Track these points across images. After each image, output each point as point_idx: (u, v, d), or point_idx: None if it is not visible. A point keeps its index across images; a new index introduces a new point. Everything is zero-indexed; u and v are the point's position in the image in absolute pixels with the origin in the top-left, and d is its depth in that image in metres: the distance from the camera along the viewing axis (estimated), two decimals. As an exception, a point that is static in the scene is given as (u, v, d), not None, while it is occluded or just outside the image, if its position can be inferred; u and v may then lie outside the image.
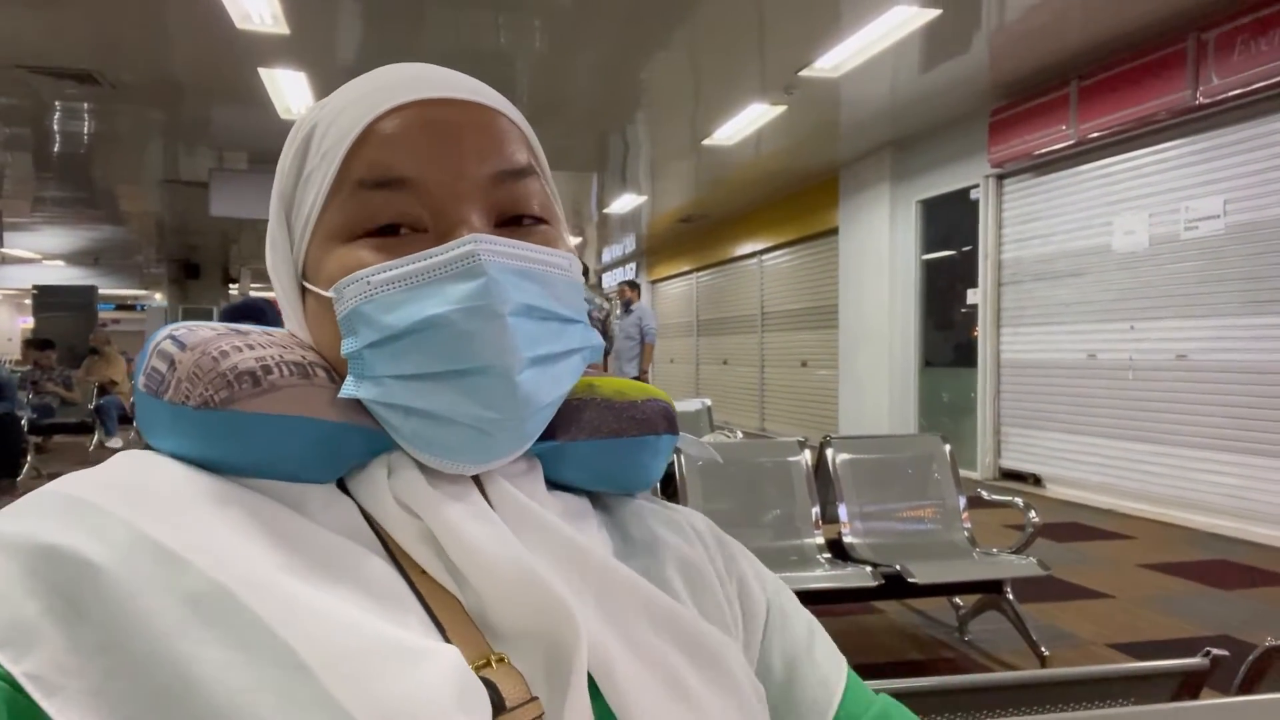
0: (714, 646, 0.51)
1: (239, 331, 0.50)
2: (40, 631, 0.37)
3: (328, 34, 5.78)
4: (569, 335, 0.51)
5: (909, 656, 3.36)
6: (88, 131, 8.20)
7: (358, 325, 0.48)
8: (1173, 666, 1.07)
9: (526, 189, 0.53)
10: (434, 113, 0.51)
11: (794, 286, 11.30)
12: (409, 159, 0.50)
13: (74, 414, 9.28)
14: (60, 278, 18.63)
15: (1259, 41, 5.02)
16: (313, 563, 0.44)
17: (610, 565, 0.50)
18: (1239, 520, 5.37)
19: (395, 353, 0.47)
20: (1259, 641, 1.16)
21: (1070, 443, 6.77)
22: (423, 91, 0.51)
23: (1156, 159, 5.96)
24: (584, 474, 0.58)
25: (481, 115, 0.52)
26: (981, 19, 5.57)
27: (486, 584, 0.46)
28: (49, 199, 11.55)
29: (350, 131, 0.50)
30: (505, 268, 0.47)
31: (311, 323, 0.53)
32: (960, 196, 7.86)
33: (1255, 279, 5.31)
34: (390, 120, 0.50)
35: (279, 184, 0.55)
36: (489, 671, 0.43)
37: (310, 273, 0.52)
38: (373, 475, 0.50)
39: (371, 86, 0.53)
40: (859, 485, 3.48)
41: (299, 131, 0.54)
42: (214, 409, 0.45)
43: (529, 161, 0.53)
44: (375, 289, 0.47)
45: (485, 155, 0.51)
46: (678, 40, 5.89)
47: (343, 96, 0.53)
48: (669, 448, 0.61)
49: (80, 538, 0.40)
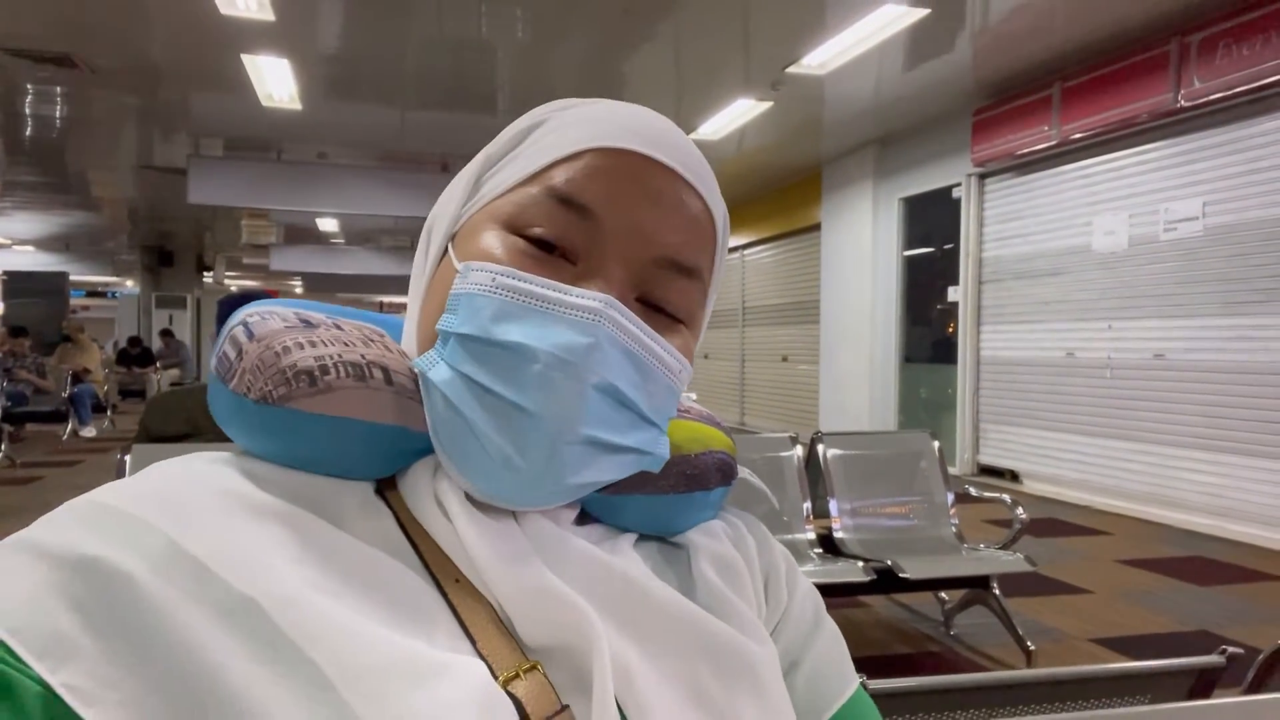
0: (745, 656, 0.50)
1: (308, 324, 0.50)
2: (78, 643, 0.38)
3: (313, 22, 5.71)
4: (637, 434, 0.50)
5: (896, 650, 3.39)
6: (62, 115, 8.06)
7: (462, 310, 0.48)
8: (1188, 664, 1.09)
9: (683, 288, 0.53)
10: (652, 173, 0.51)
11: (776, 282, 11.34)
12: (601, 195, 0.50)
13: (47, 402, 9.14)
14: (30, 263, 18.30)
15: (1241, 45, 5.10)
16: (344, 577, 0.44)
17: (635, 580, 0.50)
18: (1214, 517, 5.47)
19: (479, 355, 0.47)
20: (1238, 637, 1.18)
21: (1048, 439, 6.86)
22: (650, 149, 0.52)
23: (1137, 161, 6.04)
24: (627, 523, 0.57)
25: (689, 196, 0.52)
26: (967, 19, 5.61)
27: (511, 597, 0.46)
28: (20, 183, 11.34)
29: (570, 146, 0.51)
30: (617, 342, 0.47)
31: (434, 283, 0.53)
32: (943, 195, 7.93)
33: (1233, 280, 5.39)
34: (610, 155, 0.51)
35: (491, 150, 0.56)
36: (517, 684, 0.43)
37: (459, 239, 0.53)
38: (419, 475, 0.50)
39: (609, 116, 0.53)
40: (849, 481, 3.51)
41: (533, 116, 0.56)
42: (271, 405, 0.46)
43: (699, 265, 0.53)
44: (497, 289, 0.47)
45: (668, 235, 0.51)
46: (662, 34, 5.89)
47: (583, 111, 0.54)
48: (721, 499, 0.60)
49: (117, 549, 0.40)
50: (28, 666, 0.37)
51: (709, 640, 0.50)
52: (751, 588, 0.57)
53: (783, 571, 0.60)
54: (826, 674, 0.57)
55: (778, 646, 0.55)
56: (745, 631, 0.52)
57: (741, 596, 0.55)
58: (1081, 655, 3.36)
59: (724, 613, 0.52)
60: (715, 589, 0.54)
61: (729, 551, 0.58)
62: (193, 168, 8.63)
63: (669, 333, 0.52)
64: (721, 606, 0.53)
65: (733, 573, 0.57)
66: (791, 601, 0.59)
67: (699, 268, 0.53)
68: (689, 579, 0.55)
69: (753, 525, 0.63)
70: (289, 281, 24.88)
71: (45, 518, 0.43)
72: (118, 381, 12.64)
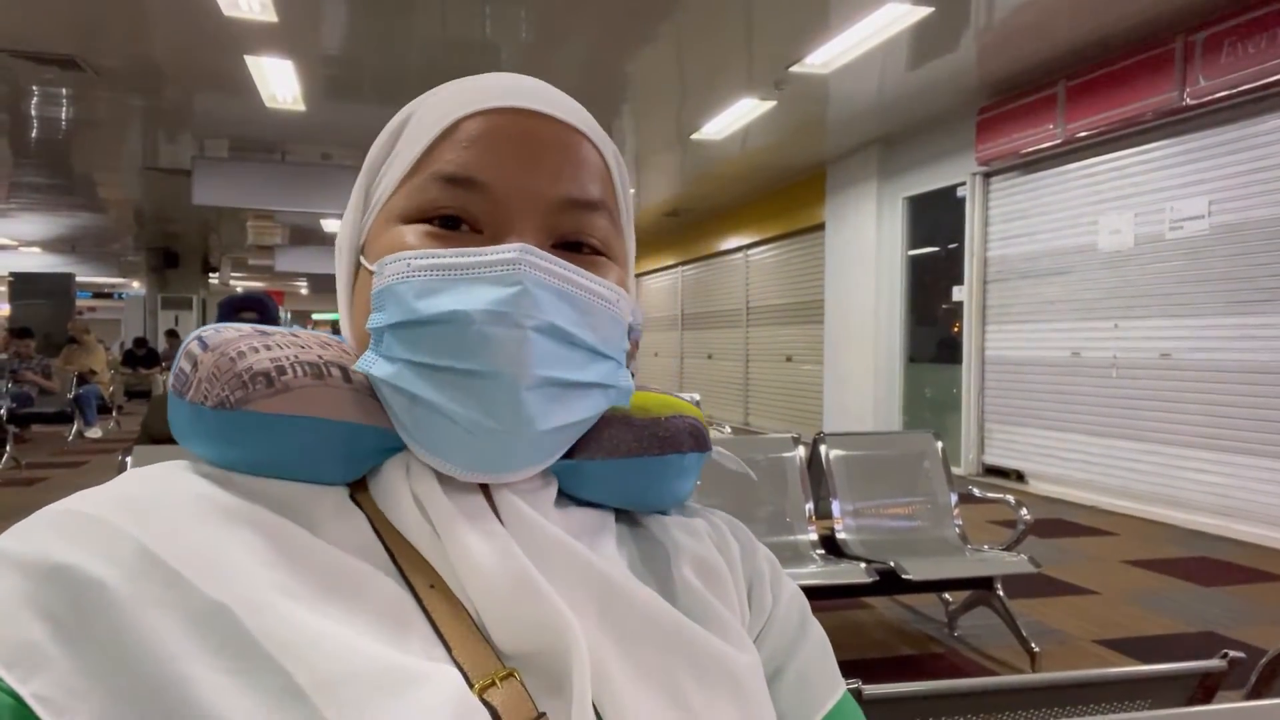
0: (725, 663, 0.49)
1: (263, 333, 0.50)
2: (48, 652, 0.38)
3: (316, 23, 5.72)
4: (595, 368, 0.50)
5: (900, 652, 3.38)
6: (68, 117, 8.08)
7: (388, 303, 0.48)
8: (1191, 669, 1.08)
9: (592, 221, 0.53)
10: (522, 123, 0.52)
11: (780, 281, 11.33)
12: (485, 162, 0.50)
13: (53, 403, 9.17)
14: (37, 265, 18.35)
15: (1247, 44, 5.08)
16: (317, 583, 0.44)
17: (615, 579, 0.49)
18: (1221, 518, 5.45)
19: (415, 338, 0.47)
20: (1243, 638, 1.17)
21: (1054, 439, 6.84)
22: (517, 100, 0.52)
23: (1142, 159, 6.02)
24: (605, 493, 0.56)
25: (568, 137, 0.53)
26: (971, 17, 5.59)
27: (487, 597, 0.46)
28: (26, 185, 11.37)
29: (440, 123, 0.52)
30: (543, 284, 0.47)
31: (356, 296, 0.54)
32: (947, 194, 7.90)
33: (1238, 279, 5.37)
34: (478, 121, 0.51)
35: (370, 159, 0.57)
36: (493, 692, 0.42)
37: (367, 248, 0.54)
38: (391, 474, 0.50)
39: (472, 86, 0.54)
40: (852, 481, 3.49)
41: (399, 116, 0.56)
42: (229, 409, 0.46)
43: (601, 196, 0.53)
44: (414, 272, 0.48)
45: (559, 178, 0.51)
46: (665, 34, 5.88)
47: (445, 90, 0.55)
48: (697, 466, 0.59)
49: (89, 556, 0.40)
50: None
51: (688, 646, 0.49)
52: (734, 592, 0.56)
53: (767, 576, 0.60)
54: (812, 680, 0.56)
55: (762, 653, 0.55)
56: (726, 637, 0.51)
57: (723, 600, 0.55)
58: (1087, 657, 3.35)
59: (704, 617, 0.52)
60: (696, 593, 0.54)
61: (711, 555, 0.57)
62: (197, 169, 8.65)
63: (594, 268, 0.52)
64: (702, 611, 0.52)
65: (714, 576, 0.56)
66: (776, 607, 0.58)
67: (599, 199, 0.53)
68: (669, 582, 0.54)
69: (736, 529, 0.62)
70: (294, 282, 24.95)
71: (16, 526, 0.42)
72: (123, 382, 12.68)
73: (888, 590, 3.19)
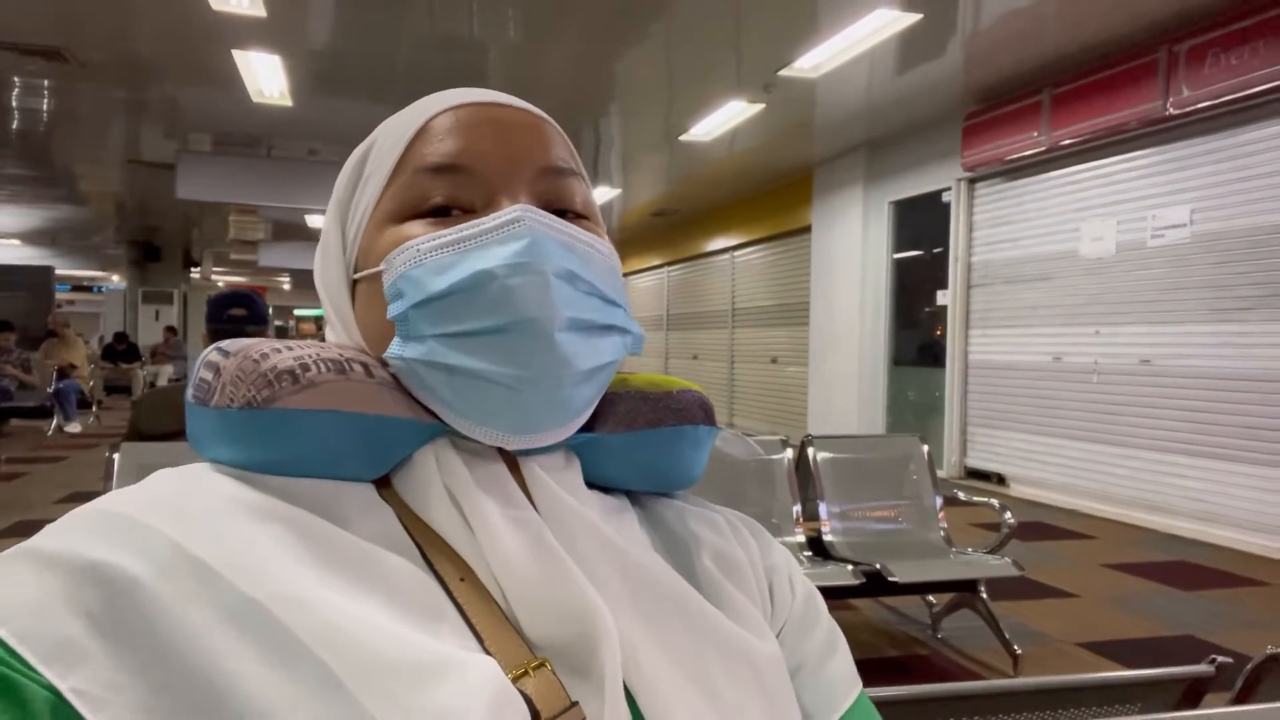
0: (750, 653, 0.51)
1: (281, 339, 0.52)
2: (86, 648, 0.38)
3: (304, 18, 5.69)
4: (611, 311, 0.53)
5: (884, 653, 3.41)
6: (50, 109, 7.98)
7: (405, 289, 0.50)
8: (1179, 674, 1.10)
9: (571, 187, 0.56)
10: (487, 112, 0.55)
11: (766, 283, 11.36)
12: (464, 148, 0.53)
13: (32, 398, 9.07)
14: (15, 257, 18.13)
15: (1230, 54, 5.14)
16: (349, 575, 0.44)
17: (645, 564, 0.51)
18: (1199, 522, 5.51)
19: (440, 311, 0.49)
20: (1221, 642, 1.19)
21: (1035, 443, 6.90)
22: (480, 98, 0.56)
23: (1125, 167, 6.08)
24: (625, 470, 0.57)
25: (531, 120, 0.56)
26: (958, 24, 5.63)
27: (519, 586, 0.46)
28: (5, 176, 11.22)
29: (409, 129, 0.55)
30: (550, 237, 0.50)
31: (361, 312, 0.55)
32: (932, 199, 7.95)
33: (1219, 287, 5.44)
34: (448, 116, 0.55)
35: (337, 194, 0.58)
36: (526, 681, 0.43)
37: (362, 263, 0.55)
38: (420, 467, 0.51)
39: (433, 96, 0.57)
40: (839, 484, 3.52)
41: (360, 148, 0.58)
42: (257, 408, 0.46)
43: (571, 164, 0.57)
44: (424, 255, 0.50)
45: (534, 150, 0.55)
46: (655, 35, 5.89)
47: (401, 112, 0.58)
48: (709, 439, 0.61)
49: (124, 554, 0.41)
50: (36, 672, 0.37)
51: (715, 632, 0.50)
52: (755, 586, 0.57)
53: (786, 573, 0.61)
54: (833, 677, 0.57)
55: (784, 647, 0.56)
56: (749, 627, 0.53)
57: (744, 593, 0.56)
58: (1068, 659, 3.39)
59: (727, 608, 0.53)
60: (718, 584, 0.55)
61: (732, 548, 0.58)
62: (181, 163, 8.59)
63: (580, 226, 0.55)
64: (725, 601, 0.53)
65: (735, 569, 0.57)
66: (796, 603, 0.59)
67: (572, 166, 0.57)
68: (692, 573, 0.55)
69: (754, 527, 0.63)
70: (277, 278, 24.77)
71: (50, 526, 0.43)
72: (103, 377, 12.55)
73: (873, 592, 3.22)
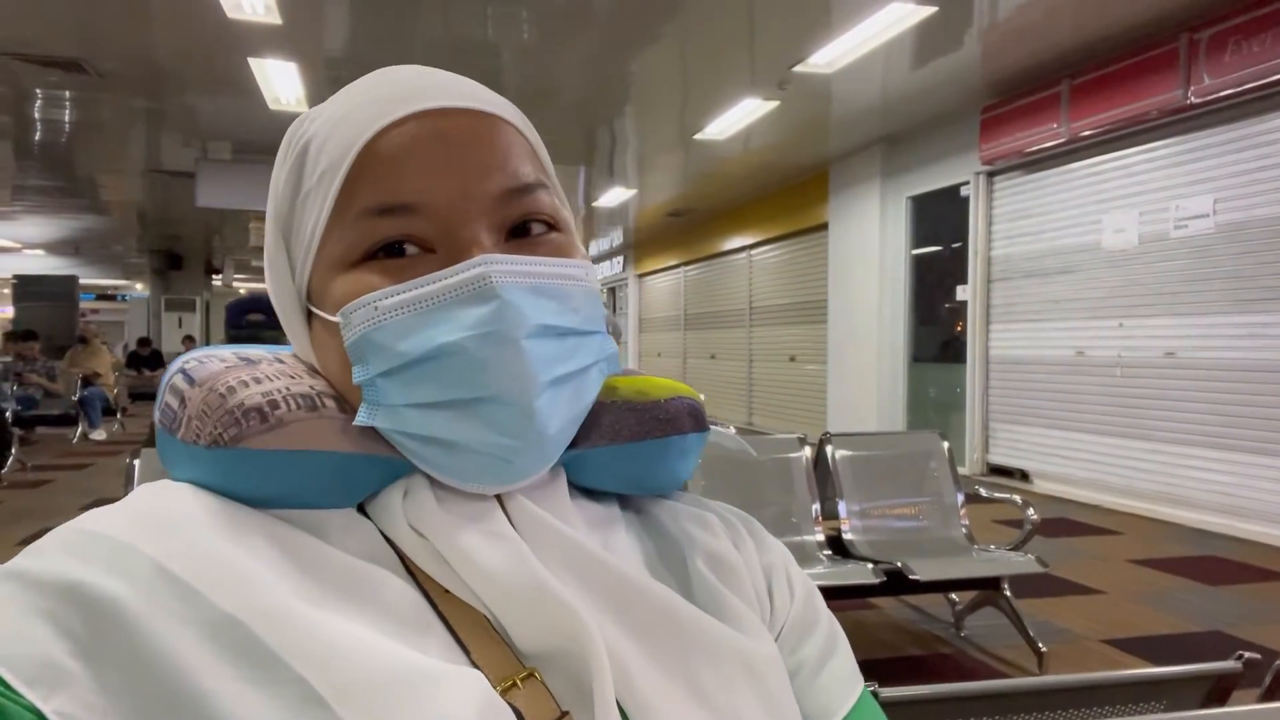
0: (745, 656, 0.49)
1: (249, 361, 0.49)
2: (68, 669, 0.38)
3: (320, 25, 5.72)
4: (587, 349, 0.51)
5: (907, 652, 3.38)
6: (71, 120, 8.08)
7: (367, 353, 0.47)
8: (1206, 670, 1.08)
9: (535, 203, 0.51)
10: (435, 125, 0.49)
11: (783, 281, 11.32)
12: (413, 182, 0.48)
13: (57, 406, 9.18)
14: (40, 267, 18.38)
15: (1251, 42, 5.07)
16: (332, 589, 0.44)
17: (631, 577, 0.49)
18: (1226, 516, 5.44)
19: (409, 381, 0.46)
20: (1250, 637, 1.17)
21: (1058, 439, 6.83)
22: (422, 102, 0.49)
23: (1147, 158, 6.01)
24: (610, 479, 0.56)
25: (485, 126, 0.50)
26: (974, 16, 5.58)
27: (502, 604, 0.46)
28: (29, 187, 11.39)
29: (349, 150, 0.49)
30: (518, 287, 0.46)
31: (318, 347, 0.52)
32: (951, 193, 7.89)
33: (1243, 278, 5.36)
34: (390, 137, 0.49)
35: (274, 203, 0.54)
36: (515, 693, 0.42)
37: (315, 295, 0.51)
38: (389, 500, 0.49)
39: (367, 98, 0.51)
40: (858, 482, 3.49)
41: (292, 145, 0.53)
42: (224, 447, 0.45)
43: (536, 176, 0.52)
44: (384, 314, 0.46)
45: (491, 171, 0.49)
46: (668, 34, 5.88)
47: (337, 106, 0.52)
48: (698, 446, 0.59)
49: (103, 574, 0.40)
50: (19, 694, 0.37)
51: (706, 640, 0.49)
52: (751, 587, 0.56)
53: (784, 572, 0.59)
54: (834, 676, 0.56)
55: (783, 647, 0.55)
56: (744, 630, 0.51)
57: (739, 595, 0.54)
58: (1094, 656, 3.35)
59: (720, 610, 0.52)
60: (712, 587, 0.53)
61: (725, 548, 0.57)
62: (201, 171, 8.66)
63: (546, 245, 0.51)
64: (719, 605, 0.52)
65: (730, 571, 0.56)
66: (794, 602, 0.58)
67: (534, 179, 0.51)
68: (685, 576, 0.54)
69: (751, 525, 0.62)
70: (297, 283, 24.92)
71: (31, 547, 0.42)
72: (128, 384, 12.69)
73: (895, 591, 3.19)
